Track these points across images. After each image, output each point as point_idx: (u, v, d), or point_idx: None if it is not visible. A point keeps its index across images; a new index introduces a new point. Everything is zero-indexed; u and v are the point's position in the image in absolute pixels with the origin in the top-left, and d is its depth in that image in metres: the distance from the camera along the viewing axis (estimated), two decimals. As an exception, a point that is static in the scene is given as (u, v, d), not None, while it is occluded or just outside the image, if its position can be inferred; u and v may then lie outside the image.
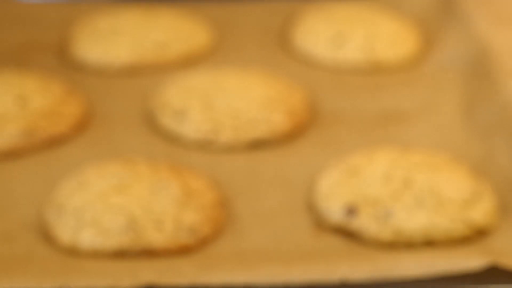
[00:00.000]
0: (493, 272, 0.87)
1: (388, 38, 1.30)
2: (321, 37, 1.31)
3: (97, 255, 0.91)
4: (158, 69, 1.27)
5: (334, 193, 0.98)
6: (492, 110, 1.12)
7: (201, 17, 1.40)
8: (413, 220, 0.93)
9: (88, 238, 0.91)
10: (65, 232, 0.93)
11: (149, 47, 1.28)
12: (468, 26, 1.29)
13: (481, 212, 0.95)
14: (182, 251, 0.92)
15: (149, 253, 0.91)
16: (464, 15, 1.32)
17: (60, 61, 1.29)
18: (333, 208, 0.96)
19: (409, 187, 0.96)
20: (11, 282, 0.85)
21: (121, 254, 0.91)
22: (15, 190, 1.02)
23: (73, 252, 0.92)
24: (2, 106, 1.11)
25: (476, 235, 0.94)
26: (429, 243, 0.92)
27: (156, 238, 0.91)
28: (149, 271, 0.87)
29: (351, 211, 0.95)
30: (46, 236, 0.94)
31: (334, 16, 1.35)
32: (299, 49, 1.32)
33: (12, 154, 1.07)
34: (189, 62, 1.29)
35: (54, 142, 1.10)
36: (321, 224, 0.96)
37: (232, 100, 1.13)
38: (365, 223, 0.93)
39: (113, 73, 1.26)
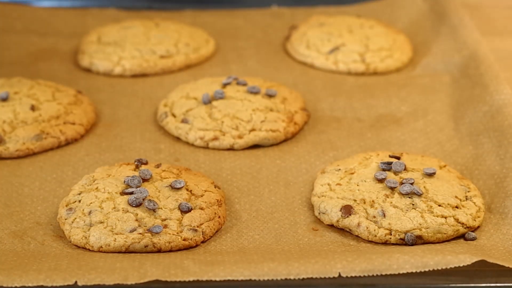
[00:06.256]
0: (482, 269, 0.88)
1: (382, 47, 1.32)
2: (318, 45, 1.32)
3: (106, 252, 0.92)
4: (164, 75, 1.28)
5: (331, 194, 0.99)
6: (481, 114, 1.14)
7: (203, 26, 1.41)
8: (405, 220, 0.95)
9: (97, 236, 0.93)
10: (76, 230, 0.94)
11: (154, 56, 1.29)
12: (459, 34, 1.31)
13: (469, 212, 0.97)
14: (186, 248, 0.93)
15: (155, 251, 0.92)
16: (455, 24, 1.34)
17: (70, 67, 1.30)
18: (330, 208, 0.97)
19: (402, 188, 0.97)
20: (23, 279, 0.85)
21: (128, 252, 0.92)
22: (27, 189, 1.03)
23: (83, 250, 0.93)
24: (15, 111, 1.12)
25: (465, 235, 0.95)
26: (421, 241, 0.94)
27: (162, 236, 0.93)
28: (155, 267, 0.87)
29: (348, 211, 0.96)
30: (57, 233, 0.96)
31: (331, 25, 1.36)
32: (297, 56, 1.33)
33: (25, 156, 1.09)
34: (193, 68, 1.30)
35: (65, 144, 1.11)
36: (319, 222, 0.98)
37: (234, 104, 1.14)
38: (361, 222, 0.95)
39: (120, 79, 1.27)
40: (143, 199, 0.95)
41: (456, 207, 0.97)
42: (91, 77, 1.28)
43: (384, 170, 1.01)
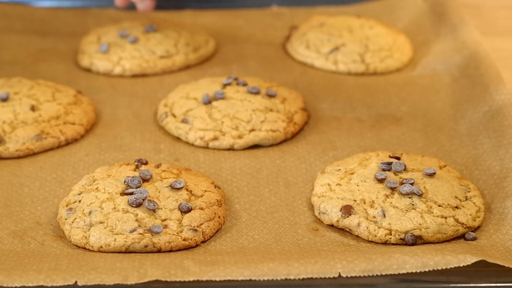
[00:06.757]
0: (482, 269, 0.89)
1: (383, 47, 1.32)
2: (318, 45, 1.33)
3: (106, 252, 0.92)
4: (164, 75, 1.28)
5: (331, 195, 0.99)
6: (481, 115, 1.14)
7: (203, 26, 1.41)
8: (405, 220, 0.95)
9: (97, 236, 0.93)
10: (76, 230, 0.94)
11: (154, 56, 1.29)
12: (459, 34, 1.31)
13: (469, 212, 0.97)
14: (186, 248, 0.93)
15: (155, 251, 0.92)
16: (455, 24, 1.34)
17: (70, 67, 1.31)
18: (330, 209, 0.97)
19: (402, 188, 0.97)
20: (23, 279, 0.86)
21: (128, 252, 0.92)
22: (27, 189, 1.03)
23: (83, 250, 0.93)
24: (15, 111, 1.12)
25: (466, 235, 0.95)
26: (421, 241, 0.94)
27: (162, 236, 0.93)
28: (155, 267, 0.87)
29: (348, 211, 0.96)
30: (57, 233, 0.96)
31: (331, 25, 1.36)
32: (297, 56, 1.33)
33: (25, 156, 1.09)
34: (192, 68, 1.30)
35: (65, 144, 1.12)
36: (319, 222, 0.98)
37: (234, 104, 1.14)
38: (361, 222, 0.95)
39: (120, 79, 1.27)
40: (143, 200, 0.95)
41: (456, 207, 0.97)
42: (91, 77, 1.28)
43: (384, 170, 1.01)
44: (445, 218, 0.95)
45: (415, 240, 0.94)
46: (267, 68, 1.31)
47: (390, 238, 0.94)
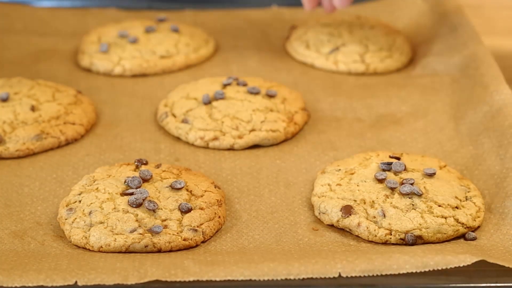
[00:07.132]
0: (482, 269, 0.89)
1: (382, 47, 1.32)
2: (318, 45, 1.33)
3: (106, 252, 0.92)
4: (164, 75, 1.28)
5: (331, 195, 0.99)
6: (482, 115, 1.14)
7: (203, 26, 1.42)
8: (405, 220, 0.95)
9: (97, 236, 0.93)
10: (76, 230, 0.94)
11: (154, 56, 1.29)
12: (459, 34, 1.31)
13: (469, 212, 0.97)
14: (186, 248, 0.93)
15: (155, 251, 0.92)
16: (455, 24, 1.34)
17: (70, 67, 1.31)
18: (330, 209, 0.97)
19: (402, 188, 0.97)
20: (23, 279, 0.86)
21: (129, 252, 0.92)
22: (27, 189, 1.03)
23: (83, 250, 0.93)
24: (15, 111, 1.12)
25: (466, 235, 0.95)
26: (421, 241, 0.94)
27: (162, 236, 0.93)
28: (155, 267, 0.87)
29: (348, 211, 0.96)
30: (57, 233, 0.96)
31: (331, 25, 1.37)
32: (297, 56, 1.34)
33: (25, 156, 1.09)
34: (193, 68, 1.31)
35: (65, 144, 1.12)
36: (319, 222, 0.98)
37: (234, 105, 1.14)
38: (361, 222, 0.95)
39: (120, 79, 1.27)
40: (143, 200, 0.95)
41: (456, 207, 0.97)
42: (91, 77, 1.28)
43: (384, 170, 1.01)
44: (445, 218, 0.96)
45: (415, 240, 0.94)
46: (267, 68, 1.31)
47: (390, 238, 0.94)
